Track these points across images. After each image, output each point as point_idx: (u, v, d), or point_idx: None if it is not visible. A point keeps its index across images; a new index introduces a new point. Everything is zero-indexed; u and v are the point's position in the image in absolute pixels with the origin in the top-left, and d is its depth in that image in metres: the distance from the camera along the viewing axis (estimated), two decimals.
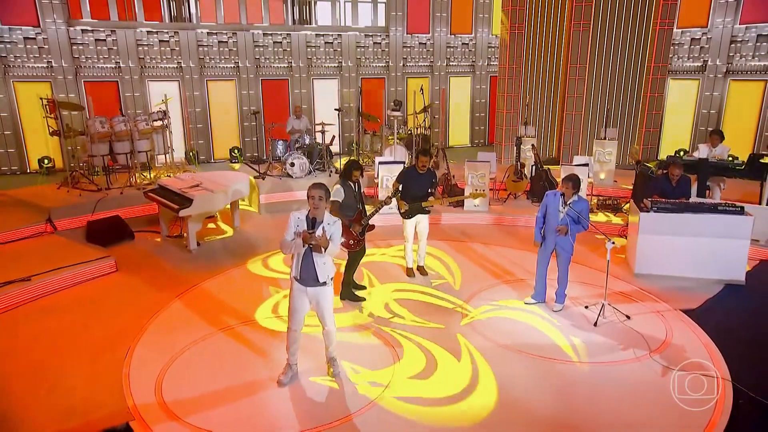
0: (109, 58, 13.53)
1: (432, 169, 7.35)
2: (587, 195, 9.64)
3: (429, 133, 12.94)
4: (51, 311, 6.60)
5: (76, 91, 13.19)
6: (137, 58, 13.75)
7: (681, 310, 6.55)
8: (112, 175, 10.21)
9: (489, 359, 5.51)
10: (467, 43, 16.76)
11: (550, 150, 13.97)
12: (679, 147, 13.54)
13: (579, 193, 6.27)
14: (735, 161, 8.81)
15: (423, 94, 12.13)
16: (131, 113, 12.47)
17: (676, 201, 7.39)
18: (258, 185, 10.59)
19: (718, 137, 9.15)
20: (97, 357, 5.57)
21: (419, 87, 12.57)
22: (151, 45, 13.86)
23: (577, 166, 9.80)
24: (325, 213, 4.76)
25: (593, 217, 9.27)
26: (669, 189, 7.66)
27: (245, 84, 14.89)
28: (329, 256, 4.76)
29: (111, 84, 13.68)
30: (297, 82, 15.33)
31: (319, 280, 4.75)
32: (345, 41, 15.56)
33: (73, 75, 13.20)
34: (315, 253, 4.68)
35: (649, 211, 7.31)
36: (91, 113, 11.31)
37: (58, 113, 9.85)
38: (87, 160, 10.17)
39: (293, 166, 10.85)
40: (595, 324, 6.16)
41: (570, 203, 6.13)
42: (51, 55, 12.93)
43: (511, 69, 13.57)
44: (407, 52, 16.26)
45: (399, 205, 7.20)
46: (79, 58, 13.24)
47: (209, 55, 14.44)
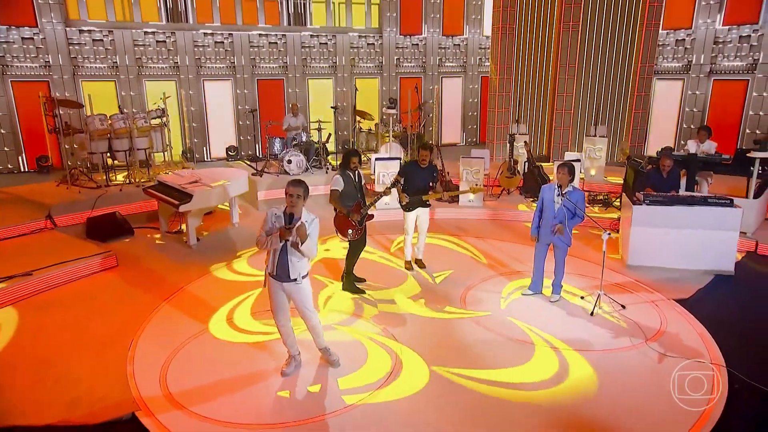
0: (107, 57, 13.36)
1: (433, 164, 7.30)
2: None
3: (423, 131, 12.90)
4: (53, 305, 6.47)
5: (73, 91, 13.00)
6: (134, 58, 13.59)
7: (674, 299, 6.54)
8: (110, 173, 10.07)
9: (491, 348, 5.48)
10: (459, 44, 16.74)
11: (540, 148, 13.97)
12: (665, 144, 13.57)
13: (573, 184, 6.25)
14: (722, 156, 8.85)
15: (418, 92, 12.07)
16: (127, 112, 12.30)
17: (667, 194, 7.40)
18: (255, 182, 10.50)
19: (705, 133, 9.19)
20: (101, 350, 5.46)
21: (414, 86, 12.53)
22: (148, 45, 13.69)
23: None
24: (303, 210, 4.64)
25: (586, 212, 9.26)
26: (660, 181, 7.68)
27: (241, 84, 14.77)
28: (307, 252, 4.60)
29: (108, 83, 13.50)
30: (292, 81, 15.23)
31: (291, 277, 4.63)
32: (339, 42, 15.48)
33: (71, 75, 13.01)
34: (289, 251, 4.57)
35: (642, 204, 7.31)
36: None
37: (57, 111, 9.69)
38: (86, 157, 10.02)
39: (290, 163, 10.77)
40: (592, 314, 6.14)
41: (566, 193, 6.10)
42: (48, 55, 12.73)
43: (503, 69, 13.56)
44: (400, 52, 16.21)
45: (400, 198, 7.12)
46: (77, 57, 13.06)
47: (205, 56, 14.30)
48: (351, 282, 6.88)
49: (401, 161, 10.31)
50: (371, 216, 6.69)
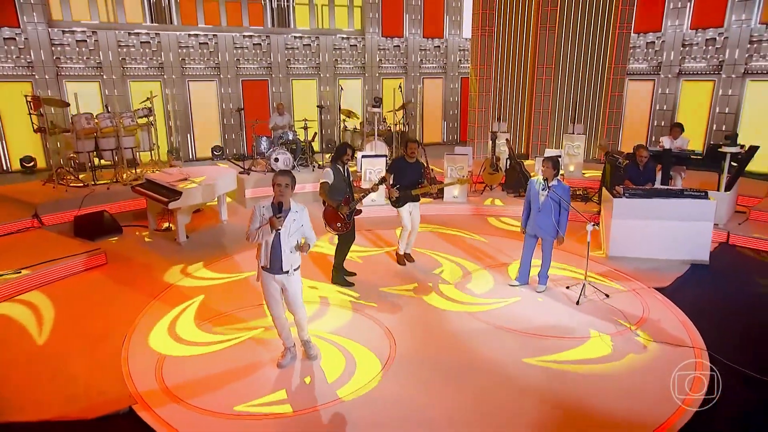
0: (90, 58, 13.05)
1: (420, 160, 7.28)
2: None
3: (407, 129, 12.89)
4: (44, 303, 6.28)
5: (57, 91, 12.65)
6: (118, 58, 13.30)
7: (654, 288, 6.64)
8: (97, 172, 9.83)
9: (484, 337, 5.49)
10: (439, 46, 16.78)
11: (520, 146, 14.07)
12: (638, 142, 13.78)
13: (558, 177, 6.30)
14: (695, 152, 9.02)
15: (401, 91, 12.06)
16: (113, 111, 12.02)
17: (646, 187, 7.51)
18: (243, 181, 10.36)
19: (679, 129, 9.36)
20: (96, 345, 5.32)
21: (398, 85, 12.51)
22: (132, 46, 13.41)
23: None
24: (291, 201, 4.58)
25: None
26: (636, 173, 7.81)
27: (226, 84, 14.57)
28: (312, 244, 4.74)
29: (93, 83, 13.19)
30: (276, 82, 15.08)
31: (283, 269, 4.55)
32: (322, 43, 15.39)
33: (54, 75, 12.67)
34: (282, 243, 4.50)
35: (622, 197, 7.40)
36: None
37: (42, 110, 9.42)
38: (72, 156, 9.76)
39: (277, 161, 10.64)
40: (578, 302, 6.19)
41: (551, 186, 6.13)
42: (31, 55, 12.37)
43: (483, 69, 13.63)
44: (382, 54, 16.18)
45: (390, 194, 7.09)
46: (60, 58, 12.73)
47: (189, 56, 14.07)
48: (341, 275, 6.82)
49: (387, 159, 10.29)
50: (359, 211, 6.64)
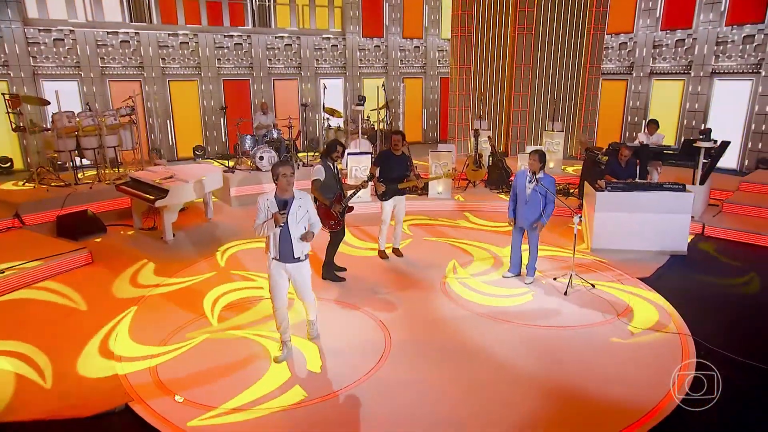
0: (68, 57, 12.67)
1: (405, 153, 7.24)
2: None
3: (390, 128, 12.84)
4: (30, 302, 6.10)
5: (34, 91, 12.24)
6: (97, 57, 12.95)
7: (637, 278, 6.75)
8: (79, 171, 9.54)
9: (477, 328, 5.49)
10: (418, 46, 16.80)
11: (499, 144, 14.16)
12: (613, 139, 14.03)
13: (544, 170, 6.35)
14: (670, 147, 9.20)
15: (385, 90, 12.02)
16: (94, 110, 11.71)
17: (626, 181, 7.63)
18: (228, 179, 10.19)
19: (654, 126, 9.53)
20: (86, 343, 5.14)
21: (380, 84, 12.48)
22: (111, 45, 13.07)
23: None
24: (294, 189, 4.58)
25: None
26: (619, 170, 7.91)
27: (207, 84, 14.33)
28: (317, 232, 4.68)
29: (71, 84, 12.81)
30: (258, 81, 14.90)
31: (294, 255, 4.57)
32: (303, 43, 15.25)
33: (31, 74, 12.27)
34: (291, 231, 4.49)
35: (605, 191, 7.50)
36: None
37: (21, 109, 9.10)
38: (53, 156, 9.46)
39: (262, 159, 10.50)
40: (565, 293, 6.24)
41: (538, 178, 6.17)
42: (7, 54, 11.95)
43: (462, 69, 13.68)
44: (363, 54, 16.12)
45: (376, 188, 7.03)
46: (36, 57, 12.33)
47: (170, 56, 13.79)
48: (331, 271, 6.75)
49: (372, 156, 10.23)
50: (351, 208, 6.58)
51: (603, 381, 4.59)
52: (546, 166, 6.38)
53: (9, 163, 12.01)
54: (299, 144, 13.33)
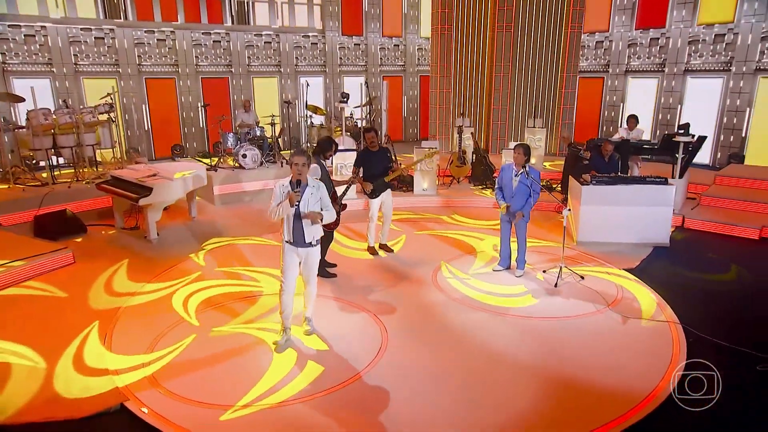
0: (39, 54, 12.28)
1: (384, 146, 7.21)
2: None
3: (373, 124, 12.83)
4: (14, 303, 5.90)
5: (4, 88, 11.82)
6: (70, 54, 12.58)
7: (624, 269, 6.87)
8: (55, 170, 9.24)
9: (473, 321, 5.51)
10: (398, 45, 16.82)
11: (480, 141, 14.25)
12: (590, 136, 14.28)
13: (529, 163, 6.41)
14: (650, 141, 9.39)
15: (367, 87, 11.99)
16: (72, 107, 11.37)
17: (610, 175, 7.76)
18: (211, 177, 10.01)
19: (634, 121, 9.72)
20: (71, 342, 4.99)
21: (363, 81, 12.43)
22: (85, 41, 12.72)
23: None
24: (308, 177, 4.73)
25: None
26: (602, 164, 8.04)
27: (185, 82, 14.07)
28: (329, 217, 4.81)
29: (43, 81, 12.41)
30: (237, 79, 14.70)
31: (306, 240, 4.72)
32: (283, 41, 15.11)
33: (0, 71, 11.85)
34: (303, 219, 4.66)
35: (590, 185, 7.62)
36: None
37: None
38: (28, 154, 9.14)
39: (245, 157, 10.35)
40: (556, 285, 6.31)
41: (525, 170, 6.23)
42: None
43: (442, 67, 13.73)
44: (343, 52, 16.06)
45: (364, 187, 7.00)
46: (5, 53, 11.91)
47: (146, 53, 13.49)
48: (323, 268, 6.68)
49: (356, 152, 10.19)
50: (345, 205, 6.54)
51: (597, 369, 4.64)
52: (528, 160, 6.44)
53: None
54: (282, 142, 13.18)
